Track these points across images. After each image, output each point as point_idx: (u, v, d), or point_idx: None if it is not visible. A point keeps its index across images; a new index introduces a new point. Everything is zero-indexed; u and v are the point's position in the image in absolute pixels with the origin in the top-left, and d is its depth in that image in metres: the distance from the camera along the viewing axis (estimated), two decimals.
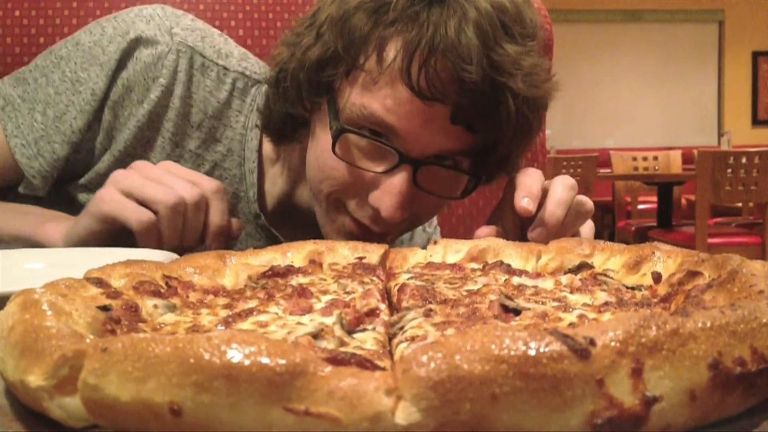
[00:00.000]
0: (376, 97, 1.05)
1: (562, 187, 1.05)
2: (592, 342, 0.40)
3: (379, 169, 1.08)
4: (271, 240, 1.33)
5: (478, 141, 1.08)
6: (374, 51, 1.05)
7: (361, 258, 0.86)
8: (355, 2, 1.06)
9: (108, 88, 1.23)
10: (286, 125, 1.22)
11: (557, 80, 1.16)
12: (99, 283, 0.64)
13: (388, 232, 1.17)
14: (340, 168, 1.10)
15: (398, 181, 1.07)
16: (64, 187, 1.29)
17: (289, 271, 0.79)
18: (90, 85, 1.22)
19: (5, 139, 1.23)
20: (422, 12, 1.02)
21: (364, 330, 0.55)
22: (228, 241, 1.13)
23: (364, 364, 0.42)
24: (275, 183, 1.34)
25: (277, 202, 1.35)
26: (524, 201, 1.02)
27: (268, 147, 1.33)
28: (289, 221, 1.35)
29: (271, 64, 1.21)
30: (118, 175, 1.08)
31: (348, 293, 0.68)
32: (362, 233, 1.14)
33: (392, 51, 1.04)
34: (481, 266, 0.83)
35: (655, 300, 0.64)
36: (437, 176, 1.10)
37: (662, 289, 0.67)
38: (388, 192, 1.07)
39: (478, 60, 1.00)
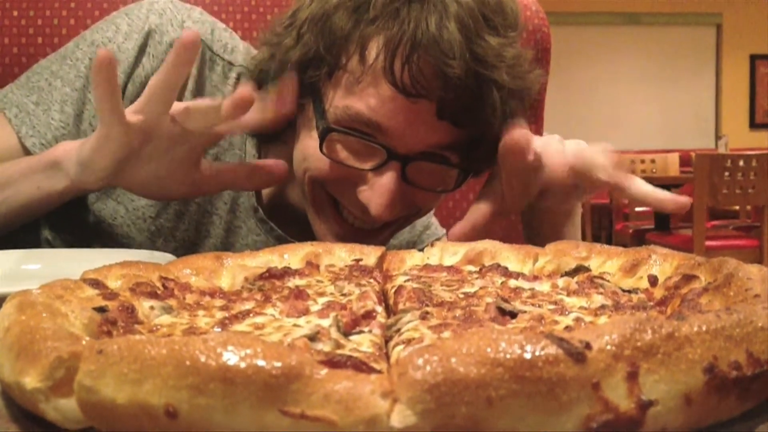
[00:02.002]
0: (360, 97, 1.05)
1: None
2: (587, 345, 0.40)
3: (367, 166, 1.08)
4: (270, 234, 1.33)
5: (465, 135, 1.09)
6: (356, 50, 1.05)
7: (358, 260, 0.86)
8: (336, 1, 1.06)
9: (125, 86, 1.22)
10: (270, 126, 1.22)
11: (540, 71, 1.16)
12: (95, 284, 0.64)
13: (380, 229, 1.17)
14: (327, 166, 1.10)
15: (387, 179, 1.07)
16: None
17: (286, 272, 0.79)
18: None
19: (19, 142, 1.19)
20: (402, 8, 1.02)
21: (361, 332, 0.55)
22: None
23: (360, 366, 0.42)
24: None
25: (270, 199, 1.35)
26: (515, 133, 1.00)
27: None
28: (285, 216, 1.35)
29: (251, 65, 1.21)
30: None
31: (345, 295, 0.68)
32: (353, 235, 1.14)
33: (374, 49, 1.04)
34: (478, 269, 0.83)
35: (652, 303, 0.64)
36: (427, 171, 1.10)
37: (658, 293, 0.67)
38: (377, 191, 1.07)
39: (461, 54, 1.01)
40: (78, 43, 1.26)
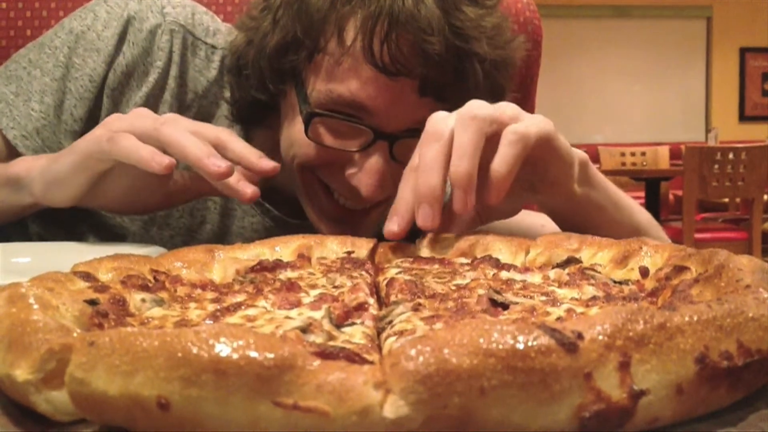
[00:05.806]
0: (341, 79, 1.04)
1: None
2: (579, 336, 0.40)
3: (354, 147, 1.08)
4: (266, 215, 1.32)
5: (450, 108, 1.08)
6: (334, 32, 1.04)
7: (349, 252, 0.86)
8: None
9: (106, 75, 1.20)
10: (252, 112, 1.21)
11: (523, 38, 1.16)
12: (86, 276, 0.64)
13: (373, 207, 1.17)
14: (314, 151, 1.10)
15: (375, 160, 1.06)
16: None
17: (278, 265, 0.79)
18: (87, 71, 1.20)
19: (1, 134, 1.18)
20: None
21: (353, 324, 0.55)
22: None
23: (353, 358, 0.42)
24: None
25: (263, 181, 1.34)
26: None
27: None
28: (280, 197, 1.34)
29: (229, 51, 1.20)
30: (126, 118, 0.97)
31: (337, 287, 0.68)
32: (345, 216, 1.14)
33: (352, 30, 1.03)
34: (469, 261, 0.83)
35: (643, 294, 0.65)
36: (414, 147, 1.10)
37: (649, 284, 0.67)
38: (367, 172, 1.07)
39: (440, 29, 1.00)
40: (56, 31, 1.24)
